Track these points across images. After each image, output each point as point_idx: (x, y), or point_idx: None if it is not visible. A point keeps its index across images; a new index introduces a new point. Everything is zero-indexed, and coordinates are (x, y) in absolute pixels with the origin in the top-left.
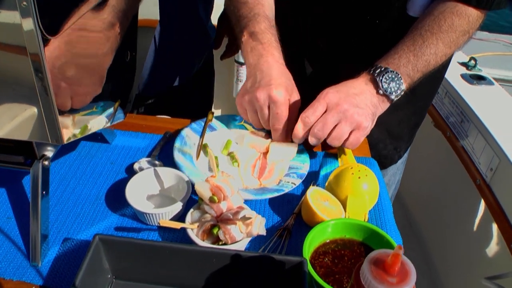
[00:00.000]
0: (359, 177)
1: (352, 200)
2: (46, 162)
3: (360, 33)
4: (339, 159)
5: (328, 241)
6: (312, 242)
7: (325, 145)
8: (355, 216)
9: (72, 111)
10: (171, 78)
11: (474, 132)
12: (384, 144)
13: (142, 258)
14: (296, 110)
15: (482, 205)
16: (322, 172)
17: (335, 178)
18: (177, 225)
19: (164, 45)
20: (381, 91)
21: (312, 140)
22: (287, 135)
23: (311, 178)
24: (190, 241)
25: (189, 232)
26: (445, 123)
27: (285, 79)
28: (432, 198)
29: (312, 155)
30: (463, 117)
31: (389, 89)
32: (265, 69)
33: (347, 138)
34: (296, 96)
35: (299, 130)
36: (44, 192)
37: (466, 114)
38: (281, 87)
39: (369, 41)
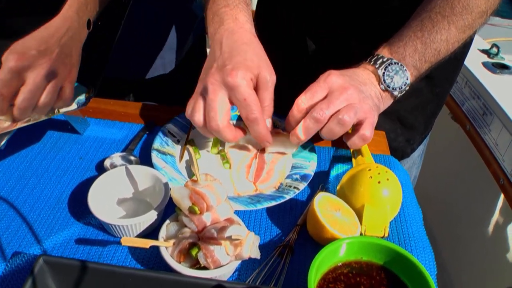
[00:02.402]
0: (379, 182)
1: (369, 210)
2: None
3: (368, 7)
4: (353, 160)
5: (340, 264)
6: (319, 267)
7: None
8: (373, 230)
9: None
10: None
11: (497, 126)
12: (395, 135)
13: (100, 286)
14: (269, 91)
15: (506, 207)
16: (333, 173)
17: (349, 182)
18: (145, 243)
19: (137, 19)
20: (382, 86)
21: (307, 125)
22: (268, 130)
23: (319, 180)
24: (164, 263)
25: (163, 251)
26: (465, 115)
27: (250, 54)
28: (447, 198)
29: (320, 151)
30: (485, 109)
31: (392, 84)
32: (224, 40)
33: (355, 133)
34: (266, 74)
35: (294, 115)
36: None
37: (489, 106)
38: (239, 66)
39: (378, 16)
